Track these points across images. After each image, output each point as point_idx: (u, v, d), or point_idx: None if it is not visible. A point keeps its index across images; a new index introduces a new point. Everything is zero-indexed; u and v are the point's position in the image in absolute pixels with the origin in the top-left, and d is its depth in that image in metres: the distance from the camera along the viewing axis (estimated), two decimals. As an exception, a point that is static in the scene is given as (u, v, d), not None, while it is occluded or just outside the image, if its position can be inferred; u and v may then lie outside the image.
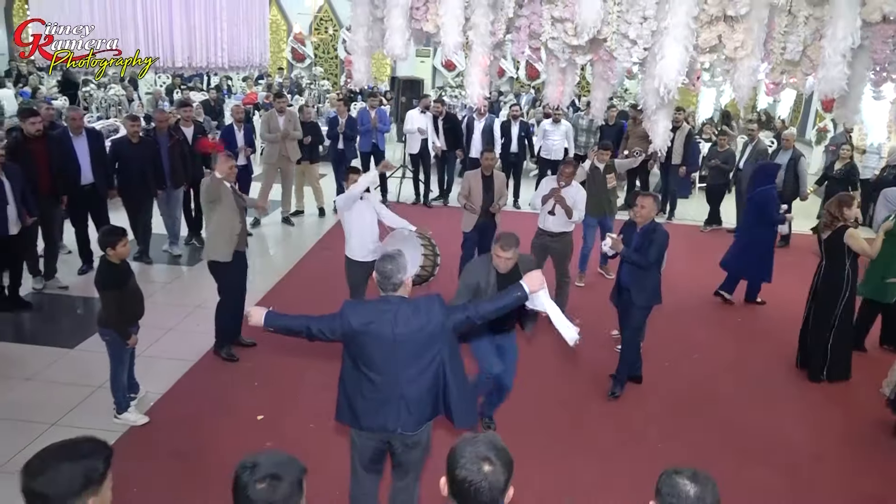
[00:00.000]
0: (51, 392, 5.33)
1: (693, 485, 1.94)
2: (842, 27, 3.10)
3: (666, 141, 4.19)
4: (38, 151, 6.90)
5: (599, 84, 4.71)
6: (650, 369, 5.91)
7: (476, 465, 1.91)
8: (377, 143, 10.83)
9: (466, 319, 3.33)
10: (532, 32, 3.94)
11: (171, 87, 16.11)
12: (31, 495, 1.86)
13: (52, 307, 6.97)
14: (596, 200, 7.61)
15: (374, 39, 4.22)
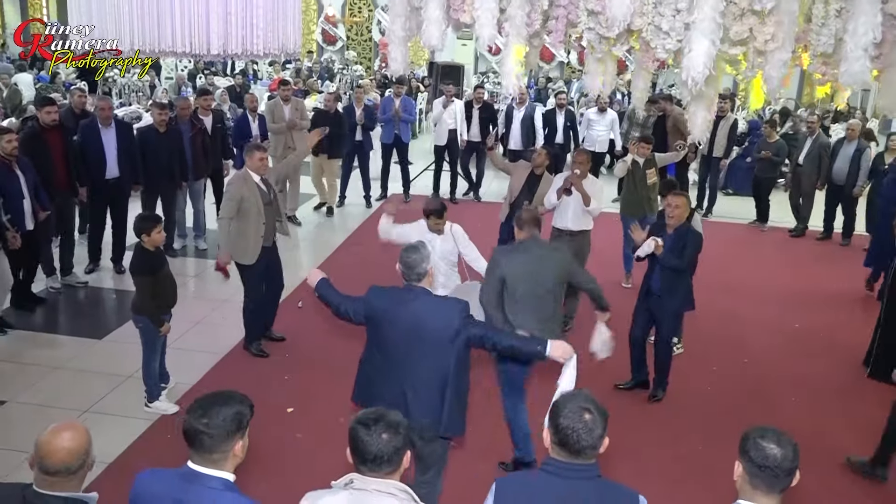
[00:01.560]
0: (81, 381, 5.97)
1: (777, 447, 2.37)
2: (863, 23, 3.52)
3: (704, 132, 4.64)
4: (53, 142, 7.29)
5: (640, 73, 5.17)
6: (698, 373, 6.31)
7: (578, 414, 2.41)
8: (400, 134, 11.15)
9: (481, 340, 3.75)
10: (569, 22, 4.43)
11: (193, 72, 16.91)
12: (193, 433, 2.36)
13: (78, 299, 7.64)
14: (636, 198, 7.91)
15: (411, 29, 4.76)
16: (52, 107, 7.32)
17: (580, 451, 2.41)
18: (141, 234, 5.23)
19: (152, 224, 5.24)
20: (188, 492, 2.35)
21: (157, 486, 2.43)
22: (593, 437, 2.42)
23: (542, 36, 4.77)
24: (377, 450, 2.36)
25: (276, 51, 6.28)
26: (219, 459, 2.38)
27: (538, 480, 2.50)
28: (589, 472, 2.45)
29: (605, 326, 4.87)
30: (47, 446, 2.39)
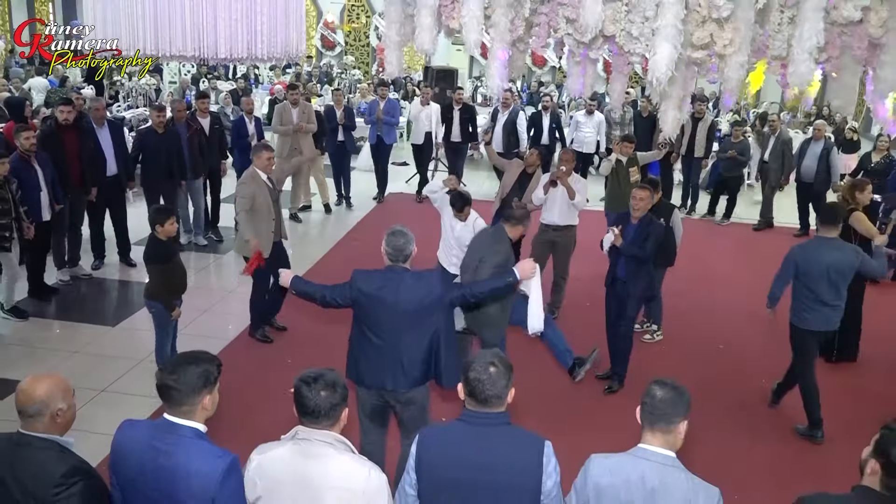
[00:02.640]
0: (97, 364, 6.31)
1: (661, 389, 2.70)
2: (807, 28, 3.89)
3: (675, 129, 5.00)
4: (69, 141, 7.63)
5: (616, 77, 5.52)
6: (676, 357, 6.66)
7: (485, 367, 2.72)
8: (382, 135, 11.38)
9: (462, 297, 4.20)
10: (550, 28, 4.78)
11: (196, 76, 17.24)
12: (165, 388, 2.63)
13: (89, 290, 7.99)
14: (619, 194, 8.20)
15: (405, 34, 5.12)
16: (68, 106, 7.65)
17: (486, 400, 2.72)
18: (155, 224, 5.56)
19: (165, 216, 5.57)
20: (163, 439, 2.61)
21: (137, 434, 2.69)
22: (497, 387, 2.71)
23: (525, 41, 5.11)
24: (315, 405, 2.64)
25: (280, 54, 6.61)
26: (188, 411, 2.64)
27: (454, 429, 2.82)
28: (497, 420, 2.75)
29: None
30: (22, 391, 2.66)
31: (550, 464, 2.71)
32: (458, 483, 2.72)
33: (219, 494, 2.54)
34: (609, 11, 4.23)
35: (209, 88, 14.33)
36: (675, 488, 2.59)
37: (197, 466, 2.57)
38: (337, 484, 2.62)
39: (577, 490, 2.76)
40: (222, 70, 18.57)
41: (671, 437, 2.68)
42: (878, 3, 4.03)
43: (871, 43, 4.33)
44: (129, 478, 2.67)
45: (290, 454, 2.67)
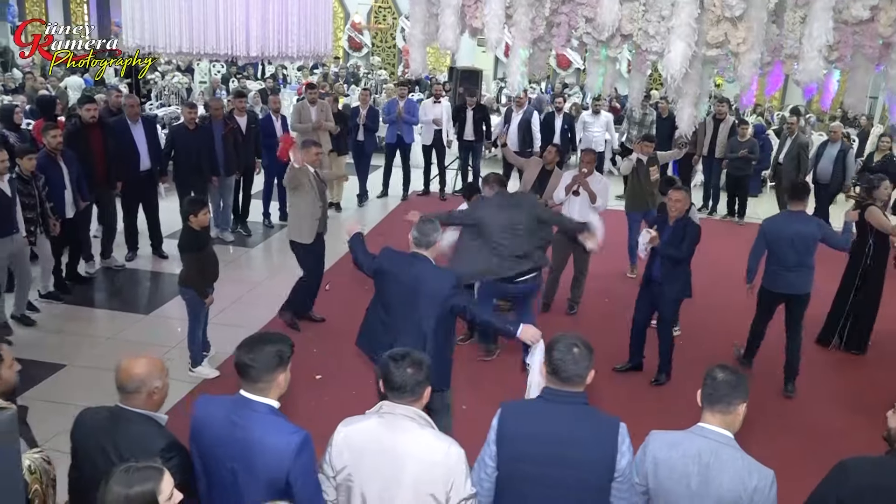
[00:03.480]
0: (131, 349, 6.43)
1: (723, 372, 2.85)
2: (816, 27, 3.99)
3: (690, 126, 5.11)
4: (94, 138, 7.79)
5: (636, 75, 5.64)
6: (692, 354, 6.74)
7: (568, 348, 2.86)
8: (402, 134, 11.47)
9: (463, 310, 4.35)
10: (570, 28, 4.91)
11: (226, 76, 17.53)
12: (242, 366, 2.78)
13: (123, 280, 8.24)
14: (640, 194, 8.34)
15: (430, 33, 5.28)
16: (92, 104, 7.91)
17: (569, 378, 2.86)
18: (188, 215, 5.77)
19: (199, 207, 5.78)
20: (240, 414, 2.77)
21: (215, 409, 2.86)
22: (580, 367, 2.86)
23: (546, 40, 5.24)
24: (401, 381, 2.79)
25: (309, 53, 6.78)
26: (264, 388, 2.80)
27: (535, 405, 2.98)
28: (577, 399, 2.89)
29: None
30: (122, 369, 2.87)
31: (625, 443, 2.83)
32: (536, 456, 2.85)
33: (292, 468, 2.68)
34: (626, 11, 4.37)
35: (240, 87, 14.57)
36: (730, 465, 2.73)
37: (272, 441, 2.71)
38: (419, 456, 2.75)
39: (636, 463, 2.91)
40: (251, 70, 18.85)
41: (730, 418, 2.82)
42: (888, 3, 4.12)
43: (884, 42, 4.42)
44: (208, 449, 2.84)
45: (376, 426, 2.80)
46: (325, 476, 2.86)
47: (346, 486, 2.80)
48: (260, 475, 2.72)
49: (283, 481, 2.70)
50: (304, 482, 2.72)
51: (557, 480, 2.84)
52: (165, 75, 15.89)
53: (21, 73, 16.21)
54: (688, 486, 2.76)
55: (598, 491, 2.85)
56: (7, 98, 11.74)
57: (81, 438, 2.89)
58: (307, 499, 2.75)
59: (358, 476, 2.78)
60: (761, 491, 2.70)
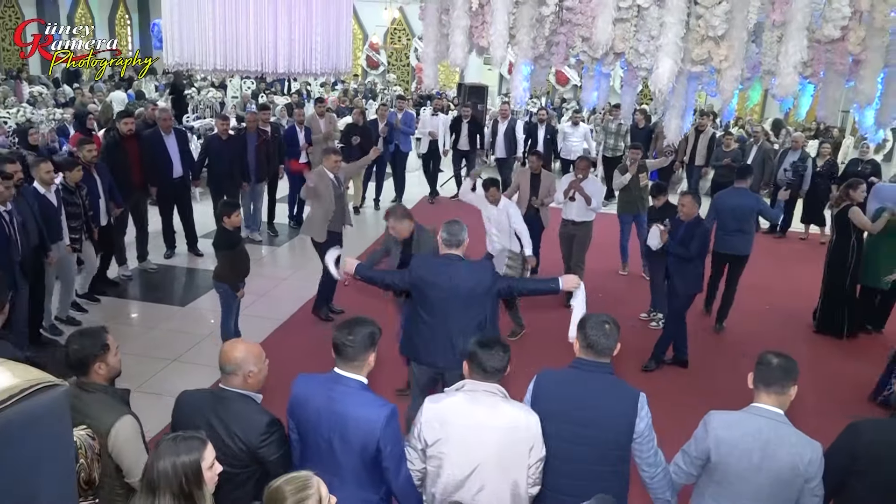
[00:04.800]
0: (169, 338, 6.60)
1: (777, 357, 2.92)
2: (792, 45, 4.02)
3: (678, 136, 5.14)
4: (131, 149, 7.86)
5: (627, 90, 5.68)
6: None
7: (601, 324, 3.01)
8: (399, 144, 11.49)
9: (508, 289, 4.36)
10: (568, 47, 4.95)
11: (255, 91, 17.63)
12: (341, 346, 2.86)
13: (161, 277, 8.30)
14: (630, 198, 8.41)
15: (440, 51, 5.32)
16: (129, 118, 7.98)
17: (601, 351, 3.01)
18: (222, 216, 5.82)
19: (232, 209, 5.83)
20: (335, 390, 2.86)
21: (313, 385, 2.93)
22: (611, 341, 3.01)
23: (546, 58, 5.28)
24: (493, 365, 2.90)
25: (330, 70, 6.83)
26: (358, 366, 2.89)
27: (567, 372, 3.10)
28: (604, 369, 3.04)
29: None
30: (223, 352, 2.95)
31: (643, 410, 2.96)
32: (565, 415, 2.98)
33: (382, 436, 2.78)
34: (619, 31, 4.40)
35: (268, 102, 14.66)
36: (786, 441, 2.82)
37: (365, 413, 2.81)
38: (503, 426, 2.85)
39: (696, 439, 3.01)
40: (278, 86, 18.96)
41: (783, 398, 2.90)
42: (857, 24, 4.15)
43: (854, 59, 4.44)
44: (307, 421, 2.93)
45: (462, 402, 2.91)
46: (412, 448, 2.97)
47: (437, 457, 2.91)
48: (354, 443, 2.81)
49: (374, 448, 2.79)
50: (393, 448, 2.82)
51: (583, 438, 2.97)
52: (201, 91, 15.98)
53: (71, 88, 16.34)
54: (750, 461, 2.84)
55: (618, 448, 2.99)
56: (59, 111, 11.82)
57: (186, 416, 2.94)
58: (395, 462, 2.85)
59: (448, 447, 2.89)
60: (814, 462, 2.79)
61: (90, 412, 2.84)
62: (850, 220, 6.91)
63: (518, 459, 2.87)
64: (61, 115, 11.42)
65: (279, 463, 2.83)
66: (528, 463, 2.88)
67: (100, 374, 2.99)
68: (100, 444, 2.74)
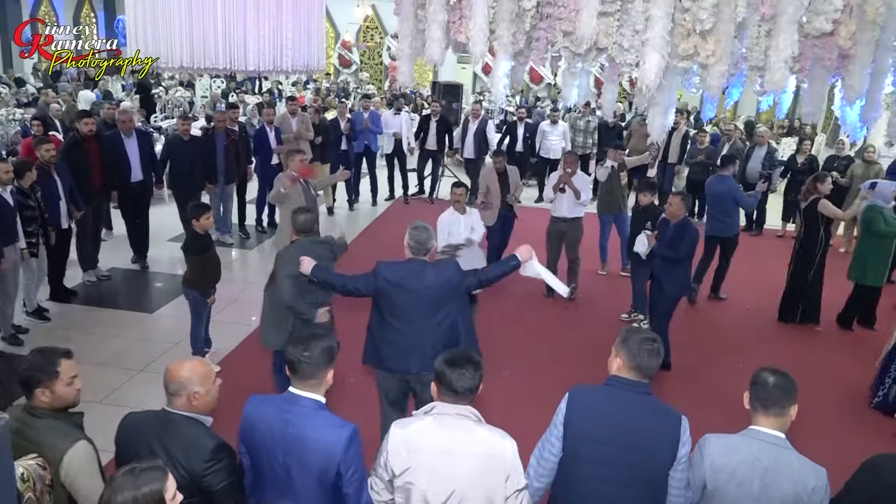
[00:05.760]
0: (137, 346, 6.33)
1: (773, 376, 2.72)
2: (783, 39, 3.90)
3: (661, 135, 5.01)
4: (91, 150, 7.49)
5: (608, 86, 5.54)
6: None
7: (647, 342, 2.78)
8: (369, 144, 11.32)
9: (477, 283, 4.16)
10: (548, 42, 4.79)
11: (226, 90, 17.28)
12: (296, 363, 2.67)
13: (128, 282, 8.01)
14: (612, 198, 8.32)
15: (416, 48, 5.13)
16: (89, 118, 7.61)
17: (648, 372, 2.78)
18: (192, 219, 5.59)
19: (202, 211, 5.60)
20: (291, 411, 2.66)
21: (266, 407, 2.73)
22: (658, 360, 2.80)
23: (525, 54, 5.12)
24: (464, 386, 2.66)
25: (302, 68, 6.62)
26: (315, 385, 2.70)
27: (602, 391, 2.85)
28: (643, 389, 2.80)
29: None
30: (167, 370, 2.71)
31: (685, 434, 2.75)
32: (600, 439, 2.76)
33: (343, 459, 2.60)
34: (602, 26, 4.25)
35: (238, 101, 14.35)
36: (788, 467, 2.62)
37: (324, 435, 2.62)
38: (476, 452, 2.62)
39: (693, 466, 2.79)
40: (249, 85, 18.62)
41: (783, 420, 2.70)
42: (848, 18, 4.05)
43: (841, 54, 4.34)
44: (259, 446, 2.72)
45: (433, 427, 2.66)
46: (378, 478, 2.73)
47: (406, 488, 2.66)
48: (312, 468, 2.63)
49: (334, 472, 2.61)
50: (354, 472, 2.64)
51: (620, 463, 2.76)
52: (169, 90, 15.60)
53: (34, 87, 15.86)
54: (749, 490, 2.65)
55: (657, 475, 2.77)
56: (20, 111, 11.41)
57: (128, 441, 2.71)
58: (356, 488, 2.66)
59: (417, 477, 2.64)
60: (818, 490, 2.61)
61: (40, 439, 2.61)
62: (819, 214, 7.02)
63: (495, 489, 2.64)
64: (22, 114, 11.03)
65: (226, 493, 2.61)
66: (505, 494, 2.64)
67: (42, 401, 2.74)
68: (51, 474, 2.51)
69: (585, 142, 12.46)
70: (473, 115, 11.73)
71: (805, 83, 4.79)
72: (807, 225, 7.23)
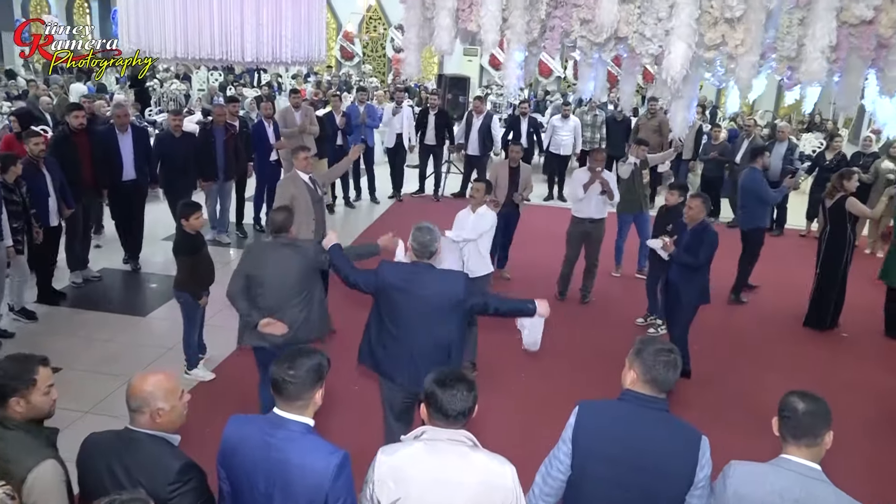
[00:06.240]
0: (128, 351, 6.20)
1: (802, 402, 2.52)
2: (820, 28, 3.74)
3: (684, 129, 4.85)
4: (81, 144, 7.37)
5: (627, 79, 5.38)
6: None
7: (664, 354, 2.64)
8: (366, 139, 11.10)
9: (484, 306, 3.98)
10: (564, 31, 4.63)
11: (223, 83, 17.16)
12: (281, 383, 2.50)
13: (121, 284, 7.88)
14: (633, 196, 8.10)
15: (423, 37, 4.99)
16: (79, 112, 7.47)
17: (665, 385, 2.64)
18: (181, 219, 5.45)
19: (192, 210, 5.45)
20: (275, 435, 2.49)
21: (248, 429, 2.56)
22: (676, 373, 2.65)
23: (539, 45, 4.96)
24: (456, 408, 2.48)
25: (302, 59, 6.47)
26: (302, 406, 2.52)
27: (615, 406, 2.69)
28: (659, 405, 2.65)
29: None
30: (130, 385, 2.54)
31: (705, 457, 2.60)
32: (612, 458, 2.63)
33: (332, 489, 2.43)
34: (623, 13, 4.09)
35: (236, 94, 14.21)
36: (823, 501, 2.42)
37: (310, 462, 2.46)
38: (474, 481, 2.46)
39: (715, 494, 2.63)
40: (248, 78, 18.50)
41: (817, 450, 2.52)
42: (889, 4, 3.88)
43: (880, 43, 4.17)
44: (240, 471, 2.55)
45: (422, 454, 2.49)
46: None
47: None
48: (298, 497, 2.45)
49: (321, 503, 2.44)
50: (344, 502, 2.47)
51: (632, 484, 2.62)
52: (164, 83, 15.49)
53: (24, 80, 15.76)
54: None
55: (672, 500, 2.62)
56: (7, 104, 11.31)
57: (88, 464, 2.56)
58: None
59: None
60: None
61: (8, 453, 2.48)
62: (846, 212, 6.95)
63: None
64: (10, 108, 10.92)
65: None
66: None
67: (17, 412, 2.61)
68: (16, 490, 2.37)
69: (593, 137, 12.35)
70: (476, 111, 11.52)
71: (838, 75, 4.62)
72: (833, 224, 7.10)
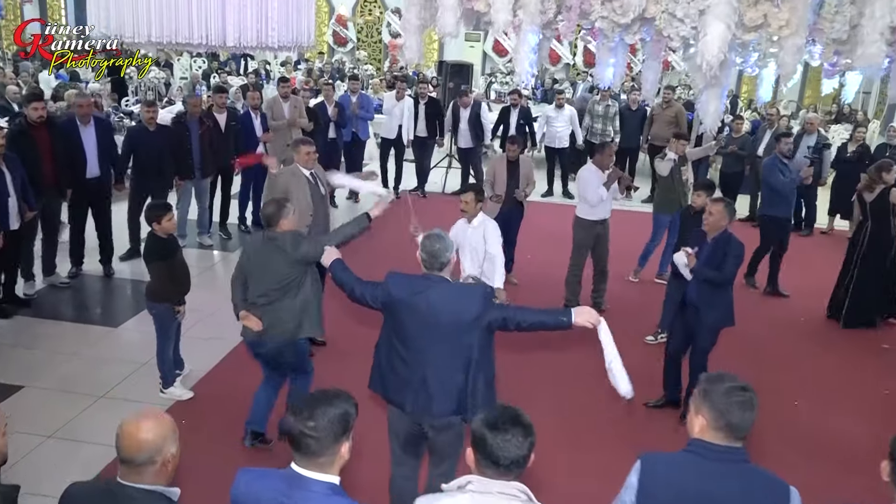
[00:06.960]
0: (97, 367, 5.91)
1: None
2: (879, 6, 3.46)
3: (716, 121, 4.58)
4: (41, 139, 6.95)
5: (650, 65, 5.11)
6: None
7: (738, 393, 2.38)
8: (357, 132, 10.84)
9: (503, 321, 3.55)
10: (582, 12, 4.36)
11: (207, 71, 16.89)
12: (300, 437, 2.20)
13: (89, 291, 7.59)
14: (673, 196, 7.78)
15: (425, 19, 4.71)
16: (39, 103, 7.00)
17: (741, 431, 2.38)
18: (152, 222, 5.19)
19: (162, 212, 5.18)
20: (293, 496, 2.21)
21: (260, 487, 2.29)
22: (753, 414, 2.38)
23: (553, 27, 4.70)
24: (510, 456, 2.21)
25: (290, 43, 6.22)
26: (325, 463, 2.23)
27: (684, 460, 2.43)
28: (737, 456, 2.39)
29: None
30: (128, 435, 2.23)
31: None
32: None
33: None
34: (651, -9, 3.82)
35: (221, 83, 13.94)
36: None
37: None
38: None
39: None
40: (234, 65, 18.22)
41: None
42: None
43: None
44: None
45: None
46: None
47: None
48: None
49: None
50: None
51: None
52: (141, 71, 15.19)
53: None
54: None
55: None
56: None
57: None
58: None
59: None
60: None
61: None
62: (890, 205, 6.90)
63: None
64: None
65: None
66: None
67: None
68: None
69: (605, 129, 12.00)
70: (462, 105, 11.30)
71: (888, 60, 4.33)
72: (875, 219, 7.04)
